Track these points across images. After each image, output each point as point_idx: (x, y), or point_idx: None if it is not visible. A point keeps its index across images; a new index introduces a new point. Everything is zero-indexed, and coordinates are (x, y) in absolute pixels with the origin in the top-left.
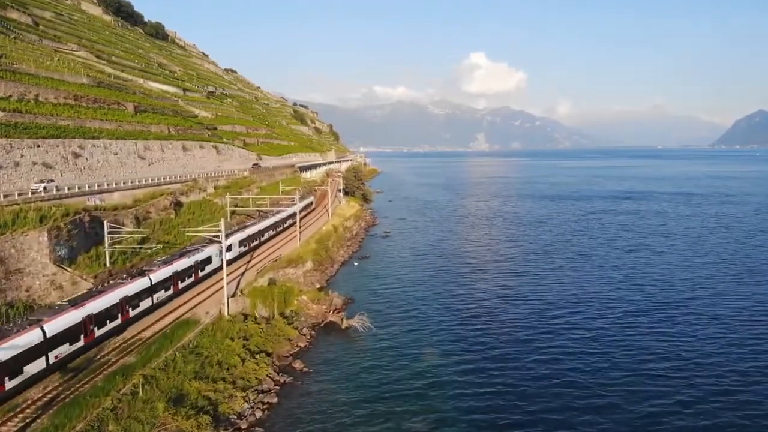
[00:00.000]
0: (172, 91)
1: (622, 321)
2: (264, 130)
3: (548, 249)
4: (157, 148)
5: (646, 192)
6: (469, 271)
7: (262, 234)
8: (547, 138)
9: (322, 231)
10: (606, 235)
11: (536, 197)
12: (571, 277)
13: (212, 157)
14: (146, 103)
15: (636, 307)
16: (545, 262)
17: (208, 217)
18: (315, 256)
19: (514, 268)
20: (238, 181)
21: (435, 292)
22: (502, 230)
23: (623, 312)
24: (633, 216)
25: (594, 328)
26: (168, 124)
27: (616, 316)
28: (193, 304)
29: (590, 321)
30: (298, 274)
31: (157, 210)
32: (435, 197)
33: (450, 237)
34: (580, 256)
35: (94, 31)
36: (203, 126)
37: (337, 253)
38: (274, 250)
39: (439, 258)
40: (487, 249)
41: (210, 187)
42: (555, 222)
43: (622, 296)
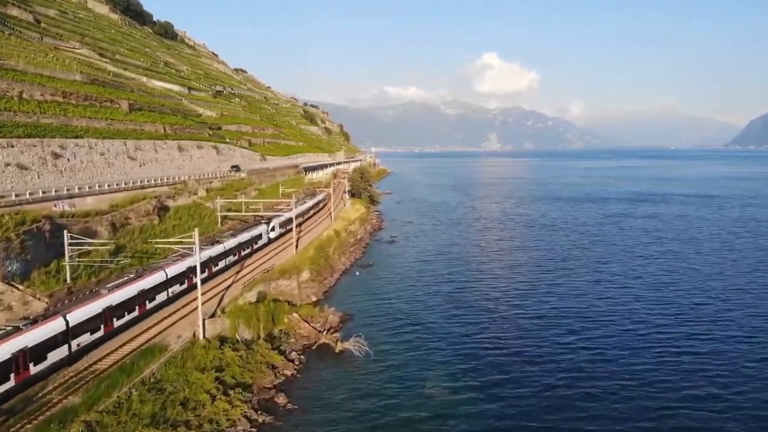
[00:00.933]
0: (177, 90)
1: (651, 340)
2: (271, 130)
3: (565, 257)
4: (150, 148)
5: (663, 194)
6: (480, 283)
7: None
8: (559, 138)
9: (322, 236)
10: (626, 241)
11: (550, 199)
12: (592, 290)
13: (211, 157)
14: (144, 101)
15: (664, 322)
16: (562, 271)
17: (196, 222)
18: (313, 265)
19: (528, 278)
20: (233, 183)
21: (442, 307)
22: (515, 235)
23: (651, 329)
24: (653, 220)
25: (620, 348)
26: (164, 123)
27: (643, 333)
28: (164, 325)
29: (614, 341)
30: (293, 286)
31: (138, 216)
32: (445, 198)
33: (459, 242)
34: (600, 265)
35: (100, 30)
36: (206, 125)
37: (338, 261)
38: (267, 260)
39: (448, 267)
40: (499, 256)
41: (201, 190)
42: (571, 226)
43: (648, 311)
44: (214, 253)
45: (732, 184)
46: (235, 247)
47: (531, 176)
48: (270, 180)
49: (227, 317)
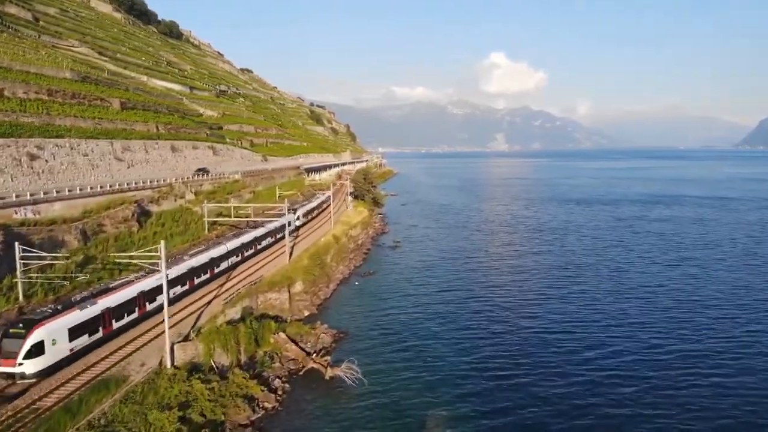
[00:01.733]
0: (178, 89)
1: (674, 357)
2: (275, 130)
3: (579, 264)
4: (140, 149)
5: (677, 196)
6: (487, 293)
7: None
8: (567, 138)
9: (319, 243)
10: (642, 246)
11: (560, 201)
12: (609, 303)
13: (207, 158)
14: (138, 99)
15: (687, 337)
16: (577, 281)
17: (181, 229)
18: (307, 276)
19: (540, 289)
20: (226, 185)
21: (446, 324)
22: (524, 240)
23: (674, 345)
24: (668, 224)
25: (642, 367)
26: (158, 123)
27: (666, 349)
28: (128, 350)
29: (636, 359)
30: (283, 300)
31: (114, 222)
32: (451, 200)
33: (466, 248)
34: (616, 273)
35: (102, 29)
36: (206, 125)
37: (336, 269)
38: (255, 271)
39: (453, 275)
40: (507, 264)
41: (189, 193)
42: (583, 230)
43: (670, 324)
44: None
45: (746, 185)
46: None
47: (539, 177)
48: (267, 182)
49: (200, 341)
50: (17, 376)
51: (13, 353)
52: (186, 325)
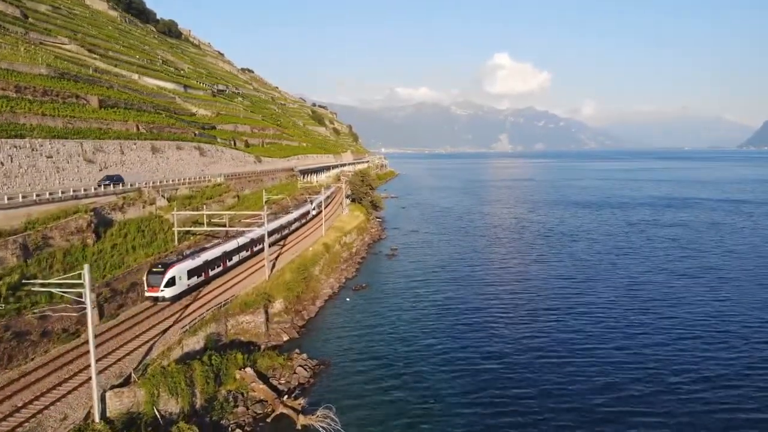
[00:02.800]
0: (171, 88)
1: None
2: (272, 130)
3: (590, 276)
4: (115, 149)
5: (688, 198)
6: (492, 311)
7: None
8: (571, 139)
9: (307, 253)
10: (658, 255)
11: (567, 204)
12: (628, 324)
13: (193, 159)
14: (121, 97)
15: (713, 356)
16: (589, 296)
17: (146, 240)
18: (288, 293)
19: (550, 306)
20: (206, 189)
21: (446, 351)
22: (530, 248)
23: (699, 366)
24: (682, 229)
25: (664, 391)
26: (139, 121)
27: (692, 370)
28: (49, 399)
29: (657, 383)
30: (258, 323)
31: (65, 234)
32: (453, 203)
33: (467, 257)
34: (633, 286)
35: (96, 26)
36: (198, 125)
37: (324, 283)
38: (225, 290)
39: (454, 290)
40: (512, 275)
41: (161, 199)
42: (593, 236)
43: (695, 342)
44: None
45: (758, 187)
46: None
47: (544, 178)
48: (256, 185)
49: (141, 385)
50: (159, 299)
51: (156, 284)
52: (132, 362)
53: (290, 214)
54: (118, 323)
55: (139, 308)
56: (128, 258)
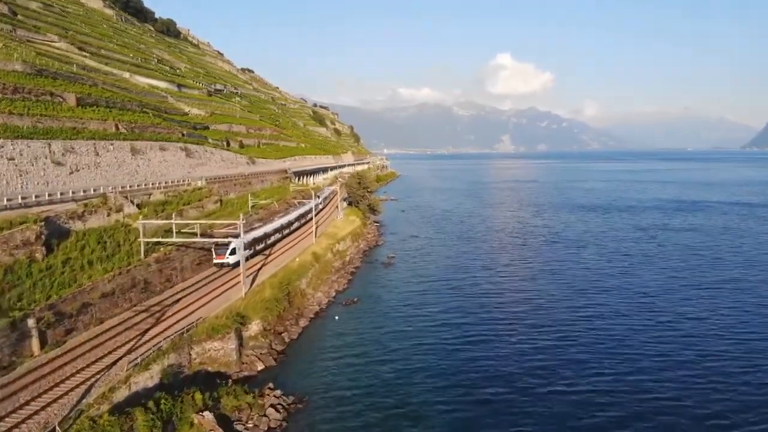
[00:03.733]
0: (164, 87)
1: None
2: (270, 131)
3: (601, 287)
4: (88, 150)
5: (698, 201)
6: (495, 329)
7: None
8: (574, 139)
9: (293, 264)
10: (671, 263)
11: (572, 207)
12: (642, 339)
13: (179, 160)
14: (103, 95)
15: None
16: (601, 309)
17: (107, 253)
18: (267, 312)
19: (558, 322)
20: (184, 193)
21: (445, 384)
22: (536, 255)
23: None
24: (695, 234)
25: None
26: (119, 120)
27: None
28: None
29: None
30: (229, 350)
31: (9, 248)
32: (455, 206)
33: (469, 265)
34: (646, 298)
35: (90, 25)
36: (189, 125)
37: (311, 298)
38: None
39: (454, 304)
40: (518, 287)
41: (130, 205)
42: (601, 242)
43: (723, 370)
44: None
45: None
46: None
47: (548, 180)
48: (243, 188)
49: None
50: (225, 265)
51: (223, 253)
52: (63, 408)
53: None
54: (62, 353)
55: (90, 333)
56: (82, 275)
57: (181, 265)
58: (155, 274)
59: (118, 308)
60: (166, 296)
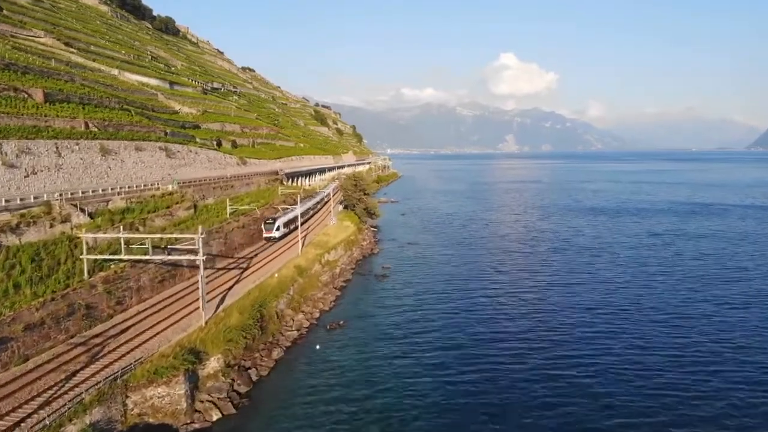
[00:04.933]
0: (154, 84)
1: None
2: (266, 130)
3: (617, 303)
4: (49, 151)
5: (711, 204)
6: (502, 357)
7: None
8: (578, 140)
9: (271, 280)
10: (690, 275)
11: (580, 210)
12: (670, 368)
13: (158, 162)
14: (76, 91)
15: None
16: (620, 330)
17: (42, 274)
18: (231, 344)
19: (571, 349)
20: (152, 199)
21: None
22: (544, 265)
23: None
24: (714, 241)
25: None
26: (90, 118)
27: None
28: None
29: None
30: (177, 397)
31: None
32: (457, 208)
33: (473, 277)
34: (670, 316)
35: (82, 21)
36: (178, 123)
37: (290, 322)
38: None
39: (455, 326)
40: (525, 304)
41: (80, 215)
42: (614, 250)
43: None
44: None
45: None
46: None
47: (553, 180)
48: (224, 192)
49: None
50: (272, 239)
51: (270, 230)
52: None
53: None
54: None
55: (9, 375)
56: (3, 302)
57: (138, 284)
58: (102, 297)
59: (50, 341)
60: (114, 323)
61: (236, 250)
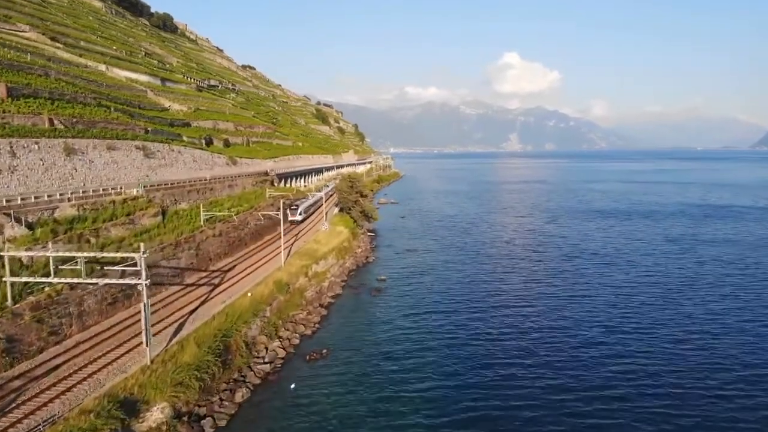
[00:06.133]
0: (144, 81)
1: None
2: (263, 128)
3: (638, 322)
4: (3, 150)
5: (725, 206)
6: (510, 399)
7: None
8: (582, 139)
9: (243, 300)
10: (717, 287)
11: (588, 212)
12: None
13: (133, 162)
14: (47, 86)
15: None
16: (640, 353)
17: None
18: (181, 389)
19: (588, 384)
20: (110, 205)
21: None
22: (554, 277)
23: None
24: (736, 248)
25: None
26: (56, 114)
27: None
28: None
29: None
30: None
31: None
32: (460, 210)
33: (477, 292)
34: (697, 338)
35: (74, 16)
36: (166, 121)
37: (265, 350)
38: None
39: (456, 355)
40: (538, 328)
41: (15, 226)
42: (629, 258)
43: None
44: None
45: None
46: None
47: (558, 180)
48: (202, 196)
49: None
50: (295, 222)
51: (294, 214)
52: None
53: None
54: None
55: None
56: None
57: (80, 308)
58: (29, 327)
59: None
60: (45, 359)
61: (211, 262)
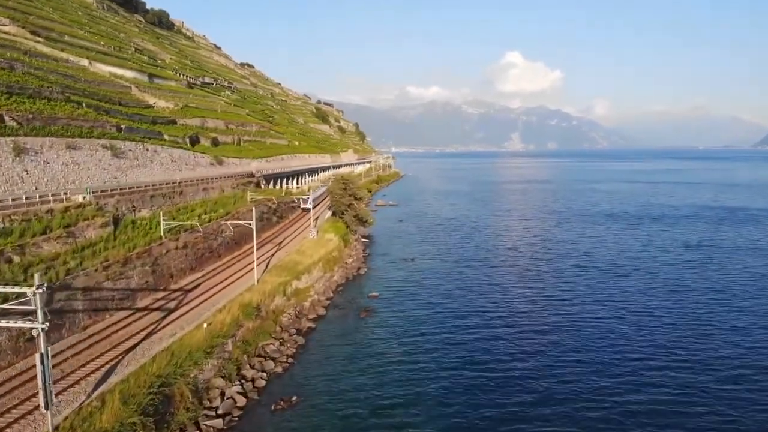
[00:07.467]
0: (130, 77)
1: None
2: (256, 127)
3: (660, 341)
4: None
5: (740, 208)
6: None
7: None
8: (584, 138)
9: (198, 333)
10: (746, 301)
11: (596, 214)
12: None
13: (99, 163)
14: (14, 81)
15: None
16: (665, 381)
17: None
18: None
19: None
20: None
21: None
22: (565, 290)
23: None
24: (761, 255)
25: None
26: (12, 110)
27: None
28: None
29: None
30: None
31: None
32: (461, 213)
33: (480, 310)
34: (728, 360)
35: (61, 11)
36: (147, 118)
37: (217, 398)
38: None
39: (457, 396)
40: (548, 357)
41: None
42: (646, 267)
43: None
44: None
45: None
46: None
47: (562, 180)
48: (169, 201)
49: None
50: (306, 209)
51: (305, 202)
52: None
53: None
54: None
55: None
56: None
57: None
58: None
59: None
60: None
61: (172, 280)
